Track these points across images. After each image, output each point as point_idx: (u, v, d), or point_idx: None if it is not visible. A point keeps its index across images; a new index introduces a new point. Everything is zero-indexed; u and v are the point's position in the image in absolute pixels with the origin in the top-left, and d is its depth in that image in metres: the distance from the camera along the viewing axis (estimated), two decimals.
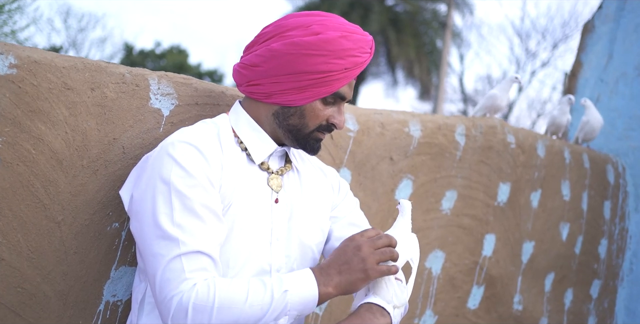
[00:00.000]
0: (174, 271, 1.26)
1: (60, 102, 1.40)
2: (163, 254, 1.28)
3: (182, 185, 1.31)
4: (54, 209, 1.42)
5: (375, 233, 1.41)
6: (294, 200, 1.53)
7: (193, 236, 1.29)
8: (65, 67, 1.43)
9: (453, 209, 2.50)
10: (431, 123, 2.36)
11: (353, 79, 1.50)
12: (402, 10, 20.82)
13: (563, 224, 3.19)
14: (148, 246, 1.30)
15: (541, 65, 22.69)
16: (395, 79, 21.79)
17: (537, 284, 3.05)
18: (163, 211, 1.30)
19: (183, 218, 1.29)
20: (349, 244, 1.38)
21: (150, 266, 1.30)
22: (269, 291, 1.28)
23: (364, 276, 1.34)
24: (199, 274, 1.28)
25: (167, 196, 1.31)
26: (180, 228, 1.29)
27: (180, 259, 1.27)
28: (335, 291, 1.33)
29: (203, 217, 1.31)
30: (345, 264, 1.34)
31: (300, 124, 1.47)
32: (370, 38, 1.53)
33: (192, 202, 1.31)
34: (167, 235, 1.28)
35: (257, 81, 1.47)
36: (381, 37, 20.52)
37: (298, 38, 1.42)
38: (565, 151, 3.13)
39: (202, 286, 1.25)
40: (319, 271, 1.35)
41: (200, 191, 1.33)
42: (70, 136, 1.43)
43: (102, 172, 1.49)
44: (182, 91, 1.64)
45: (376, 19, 19.11)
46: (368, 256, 1.35)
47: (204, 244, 1.30)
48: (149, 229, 1.31)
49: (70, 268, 1.48)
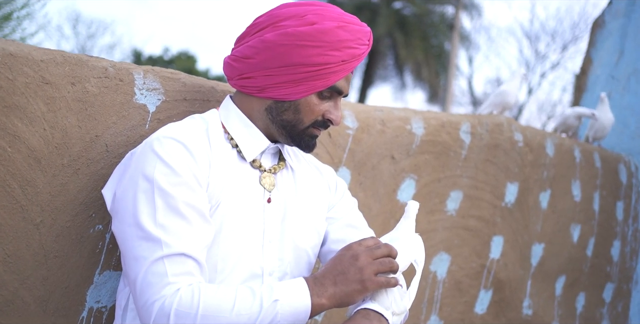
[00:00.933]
0: (156, 274, 1.19)
1: (37, 98, 1.33)
2: (145, 256, 1.20)
3: (166, 183, 1.24)
4: (32, 210, 1.35)
5: (374, 242, 1.33)
6: (287, 200, 1.45)
7: (177, 237, 1.22)
8: (44, 61, 1.36)
9: (458, 210, 2.41)
10: (434, 120, 2.27)
11: (350, 72, 1.42)
12: (409, 13, 20.76)
13: (574, 226, 3.09)
14: (129, 248, 1.23)
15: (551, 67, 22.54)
16: (403, 82, 21.75)
17: (548, 288, 2.95)
18: (145, 210, 1.23)
19: (166, 218, 1.22)
20: (346, 253, 1.30)
21: (131, 269, 1.23)
22: (258, 300, 1.20)
23: (361, 288, 1.26)
24: (183, 279, 1.20)
25: (149, 195, 1.23)
26: (164, 229, 1.21)
27: (163, 261, 1.20)
28: (330, 302, 1.25)
29: (188, 217, 1.24)
30: (341, 275, 1.26)
31: (294, 120, 1.40)
32: (368, 29, 1.45)
33: (176, 201, 1.24)
34: (149, 236, 1.21)
35: (249, 74, 1.39)
36: (389, 40, 20.48)
37: (292, 28, 1.35)
38: (575, 149, 3.03)
39: (186, 292, 1.18)
40: (313, 281, 1.27)
41: (185, 190, 1.25)
42: (49, 133, 1.36)
43: (84, 171, 1.42)
44: (169, 85, 1.57)
45: (383, 22, 19.06)
46: (366, 267, 1.26)
47: (189, 247, 1.23)
48: (130, 230, 1.23)
49: (51, 272, 1.41)
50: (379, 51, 20.73)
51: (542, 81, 22.47)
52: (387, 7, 19.97)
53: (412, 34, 19.72)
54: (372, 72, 21.12)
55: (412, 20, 20.27)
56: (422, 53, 19.84)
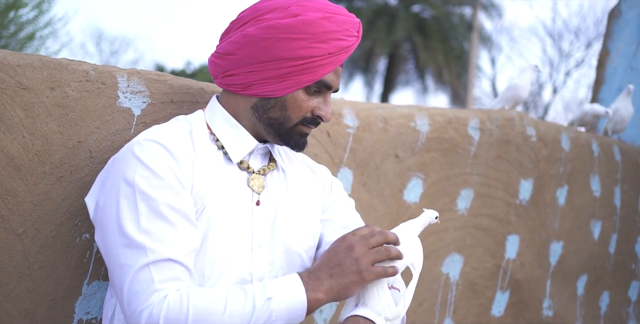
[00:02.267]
0: (142, 282, 1.15)
1: (15, 104, 1.29)
2: (130, 264, 1.16)
3: (147, 186, 1.19)
4: (13, 220, 1.31)
5: (369, 231, 1.28)
6: (278, 202, 1.39)
7: (162, 242, 1.17)
8: (20, 66, 1.32)
9: (470, 209, 2.32)
10: (440, 117, 2.19)
11: (339, 66, 1.35)
12: (428, 16, 20.64)
13: (594, 222, 2.98)
14: (113, 256, 1.19)
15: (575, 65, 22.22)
16: (425, 86, 21.63)
17: (569, 287, 2.84)
18: (128, 216, 1.18)
19: (150, 223, 1.17)
20: (341, 245, 1.25)
21: (117, 278, 1.18)
22: (250, 300, 1.15)
23: (359, 279, 1.21)
24: (171, 285, 1.16)
25: (131, 200, 1.19)
26: (148, 234, 1.17)
27: (149, 268, 1.15)
28: (327, 296, 1.20)
29: (173, 221, 1.19)
30: (337, 267, 1.22)
31: (282, 117, 1.34)
32: (357, 20, 1.38)
33: (159, 204, 1.19)
34: (134, 243, 1.16)
35: (233, 71, 1.34)
36: (408, 44, 20.40)
37: (275, 21, 1.29)
38: (593, 143, 2.92)
39: (174, 298, 1.14)
40: (308, 275, 1.22)
41: (168, 193, 1.20)
42: (28, 140, 1.32)
43: (67, 178, 1.38)
44: (155, 88, 1.53)
45: (402, 26, 18.97)
46: (362, 256, 1.22)
47: (175, 251, 1.18)
48: (113, 238, 1.19)
49: (36, 284, 1.36)
50: (399, 56, 20.66)
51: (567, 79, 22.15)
52: (405, 10, 19.89)
53: (432, 36, 19.60)
54: (393, 77, 21.04)
55: (431, 23, 20.15)
56: (443, 56, 19.70)
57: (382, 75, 21.22)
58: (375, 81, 21.46)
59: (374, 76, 21.35)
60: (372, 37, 19.23)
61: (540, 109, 22.38)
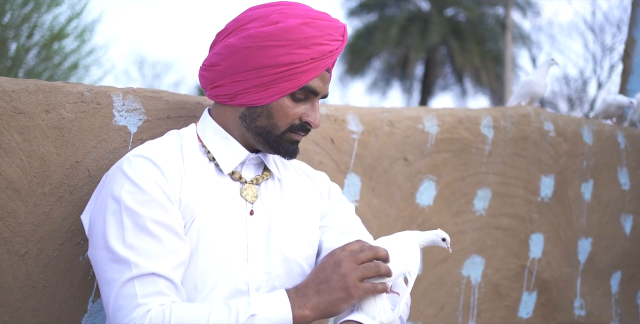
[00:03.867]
0: (126, 297, 1.16)
1: (11, 128, 1.32)
2: (115, 279, 1.17)
3: (133, 202, 1.21)
4: (15, 241, 1.34)
5: (359, 246, 1.26)
6: (272, 211, 1.39)
7: (147, 257, 1.18)
8: (15, 91, 1.35)
9: (488, 209, 2.27)
10: (450, 117, 2.16)
11: (325, 71, 1.35)
12: (462, 19, 20.46)
13: (625, 216, 2.88)
14: (101, 272, 1.21)
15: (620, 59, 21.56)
16: (464, 89, 21.41)
17: (602, 285, 2.74)
18: (114, 232, 1.20)
19: (135, 238, 1.19)
20: (329, 260, 1.24)
21: (104, 293, 1.20)
22: (234, 316, 1.15)
23: (345, 295, 1.19)
24: (155, 299, 1.16)
25: (118, 216, 1.21)
26: (133, 249, 1.18)
27: (133, 283, 1.16)
28: (313, 313, 1.19)
29: (158, 235, 1.20)
30: (324, 283, 1.20)
31: (269, 125, 1.34)
32: (341, 24, 1.37)
33: (144, 220, 1.20)
34: (119, 258, 1.18)
35: (219, 82, 1.35)
36: (444, 48, 20.27)
37: (255, 30, 1.30)
38: (618, 135, 2.83)
39: (156, 313, 1.14)
40: (295, 292, 1.21)
41: (153, 207, 1.22)
42: (26, 162, 1.35)
43: (67, 198, 1.41)
44: (150, 105, 1.55)
45: (437, 31, 18.87)
46: (349, 273, 1.20)
47: (160, 266, 1.19)
48: (101, 253, 1.21)
49: (41, 303, 1.39)
50: (435, 60, 20.54)
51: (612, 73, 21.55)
52: (439, 15, 19.77)
53: (467, 39, 19.43)
54: (430, 82, 20.91)
55: (465, 26, 19.98)
56: (479, 58, 19.49)
57: (419, 81, 21.09)
58: (413, 87, 21.36)
59: (412, 82, 21.25)
60: (406, 44, 19.17)
61: (586, 105, 21.81)
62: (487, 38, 20.36)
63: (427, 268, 2.12)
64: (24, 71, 11.81)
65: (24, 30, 11.67)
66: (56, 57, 12.41)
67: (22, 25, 11.54)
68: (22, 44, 11.74)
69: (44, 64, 12.21)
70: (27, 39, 11.80)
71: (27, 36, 11.77)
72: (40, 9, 11.65)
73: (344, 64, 20.52)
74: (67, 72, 12.73)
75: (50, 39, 11.97)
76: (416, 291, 2.09)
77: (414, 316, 2.08)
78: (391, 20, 19.09)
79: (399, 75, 21.01)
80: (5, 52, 11.57)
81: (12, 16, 11.37)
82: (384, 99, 20.96)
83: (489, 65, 19.58)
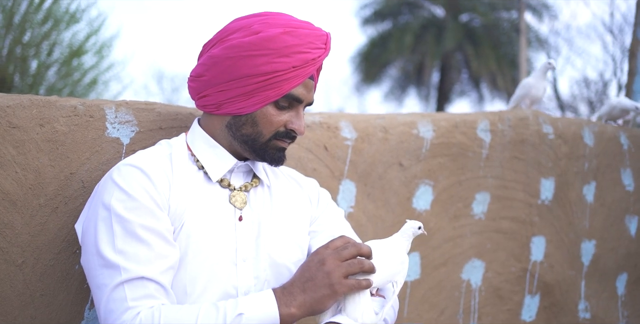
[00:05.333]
0: (116, 300, 1.20)
1: (6, 142, 1.37)
2: (106, 283, 1.21)
3: (122, 209, 1.25)
4: (12, 252, 1.38)
5: (342, 242, 1.28)
6: (261, 217, 1.42)
7: (136, 262, 1.22)
8: (10, 106, 1.40)
9: (487, 212, 2.28)
10: (445, 122, 2.17)
11: (309, 79, 1.38)
12: (477, 24, 20.39)
13: (629, 218, 2.85)
14: (92, 277, 1.24)
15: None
16: (480, 95, 21.28)
17: (607, 287, 2.72)
18: (104, 238, 1.24)
19: (125, 244, 1.23)
20: (313, 259, 1.27)
21: (96, 298, 1.24)
22: (222, 315, 1.18)
23: (330, 292, 1.22)
24: (144, 302, 1.20)
25: (108, 222, 1.25)
26: (123, 255, 1.22)
27: (123, 287, 1.20)
28: (300, 311, 1.22)
29: (147, 240, 1.24)
30: (309, 281, 1.23)
31: (254, 133, 1.37)
32: (324, 33, 1.40)
33: (133, 226, 1.24)
34: (109, 263, 1.22)
35: (205, 92, 1.39)
36: (460, 54, 20.19)
37: (237, 40, 1.34)
38: (621, 136, 2.81)
39: (146, 315, 1.18)
40: (282, 291, 1.24)
41: (142, 214, 1.26)
42: (21, 175, 1.39)
43: (62, 209, 1.45)
44: (143, 117, 1.59)
45: (451, 37, 18.81)
46: (333, 270, 1.23)
47: (149, 270, 1.22)
48: (92, 259, 1.25)
49: (38, 311, 1.43)
50: (451, 66, 20.46)
51: None
52: (454, 21, 19.73)
53: (483, 44, 19.34)
54: (447, 88, 20.82)
55: (480, 31, 19.90)
56: (495, 63, 19.38)
57: (435, 87, 21.04)
58: (430, 94, 21.31)
59: (428, 89, 21.20)
60: (421, 51, 19.15)
61: None
62: (503, 43, 20.24)
63: (425, 272, 2.13)
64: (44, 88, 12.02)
65: (44, 47, 11.89)
66: (76, 74, 12.61)
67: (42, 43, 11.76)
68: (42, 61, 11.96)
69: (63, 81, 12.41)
70: (47, 56, 12.02)
71: (47, 53, 11.99)
72: (59, 27, 11.87)
73: (359, 73, 20.56)
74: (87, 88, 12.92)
75: (70, 56, 12.18)
76: (415, 295, 2.10)
77: (414, 320, 2.09)
78: (406, 27, 19.10)
79: (415, 83, 20.97)
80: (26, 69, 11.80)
81: (32, 34, 11.60)
82: (400, 106, 20.93)
83: (505, 70, 19.46)
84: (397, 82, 21.21)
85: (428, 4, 20.36)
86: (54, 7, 11.59)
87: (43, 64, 11.97)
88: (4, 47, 11.31)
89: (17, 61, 11.42)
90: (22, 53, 11.56)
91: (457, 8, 20.02)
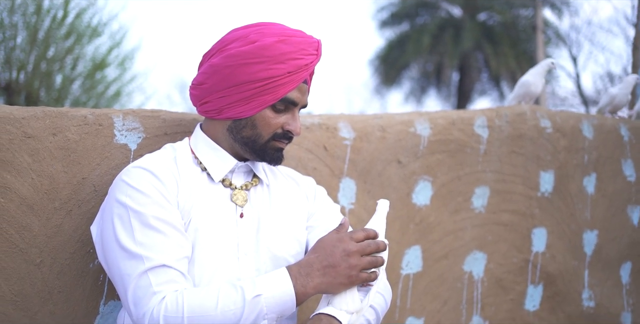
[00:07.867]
0: (142, 287, 1.28)
1: (22, 151, 1.47)
2: (130, 273, 1.30)
3: (137, 204, 1.35)
4: (31, 252, 1.48)
5: (364, 235, 1.37)
6: (261, 213, 1.52)
7: (157, 251, 1.31)
8: (25, 118, 1.49)
9: (488, 206, 2.34)
10: (442, 119, 2.25)
11: (302, 83, 1.48)
12: (495, 23, 20.28)
13: (632, 208, 2.89)
14: (116, 270, 1.33)
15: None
16: (501, 93, 21.14)
17: (612, 276, 2.76)
18: (124, 232, 1.33)
19: (144, 236, 1.32)
20: (338, 246, 1.35)
21: (121, 289, 1.32)
22: (240, 296, 1.27)
23: (348, 282, 1.33)
24: (168, 287, 1.29)
25: (125, 218, 1.34)
26: (143, 246, 1.31)
27: (147, 274, 1.29)
28: (314, 291, 1.33)
29: (164, 231, 1.34)
30: (331, 267, 1.33)
31: (253, 135, 1.48)
32: (315, 40, 1.51)
33: (148, 218, 1.33)
34: (132, 254, 1.31)
35: (206, 99, 1.49)
36: (479, 53, 20.07)
37: (235, 49, 1.44)
38: (621, 128, 2.86)
39: (170, 299, 1.27)
40: (298, 270, 1.33)
41: (155, 207, 1.35)
42: (37, 181, 1.49)
43: (75, 212, 1.55)
44: (148, 123, 1.68)
45: (469, 36, 18.72)
46: (357, 264, 1.33)
47: (169, 258, 1.32)
48: (114, 254, 1.34)
49: (57, 306, 1.52)
50: (470, 66, 20.35)
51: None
52: (471, 21, 19.62)
53: (501, 43, 19.20)
54: (467, 88, 20.70)
55: (498, 30, 19.76)
56: (515, 61, 19.21)
57: (456, 87, 20.97)
58: (450, 94, 21.25)
59: (448, 89, 21.13)
60: (439, 51, 19.11)
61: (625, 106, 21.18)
62: (522, 40, 20.07)
63: (427, 265, 2.20)
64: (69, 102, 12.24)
65: (68, 62, 12.10)
66: (100, 86, 12.81)
67: (66, 57, 11.98)
68: (66, 75, 12.18)
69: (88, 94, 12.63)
70: (71, 70, 12.23)
71: (71, 68, 12.21)
72: (82, 41, 12.07)
73: (379, 75, 20.57)
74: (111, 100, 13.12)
75: (93, 69, 12.37)
76: (418, 287, 2.18)
77: (417, 312, 2.17)
78: (423, 28, 19.07)
79: (435, 83, 20.91)
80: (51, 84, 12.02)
81: (56, 49, 11.82)
82: (421, 107, 20.89)
83: (524, 67, 19.28)
84: (417, 83, 21.18)
85: (445, 4, 20.31)
86: (76, 22, 11.82)
87: (67, 78, 12.19)
88: (29, 63, 11.55)
89: (42, 76, 11.66)
90: (47, 68, 11.80)
91: (475, 7, 19.93)
